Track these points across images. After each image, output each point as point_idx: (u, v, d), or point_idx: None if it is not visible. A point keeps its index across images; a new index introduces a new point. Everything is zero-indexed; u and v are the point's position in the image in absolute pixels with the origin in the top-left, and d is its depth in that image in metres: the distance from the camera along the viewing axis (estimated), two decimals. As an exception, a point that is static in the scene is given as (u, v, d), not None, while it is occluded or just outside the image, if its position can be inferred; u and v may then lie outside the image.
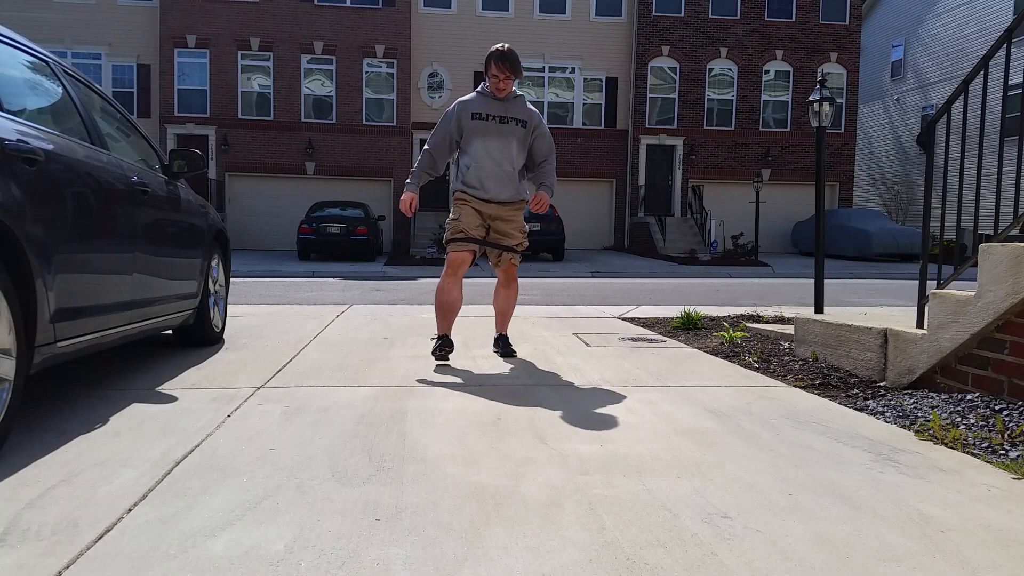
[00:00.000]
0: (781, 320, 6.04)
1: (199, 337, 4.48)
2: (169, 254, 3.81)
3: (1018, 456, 2.42)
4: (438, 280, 4.16)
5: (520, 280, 4.49)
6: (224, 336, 4.86)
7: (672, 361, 4.30)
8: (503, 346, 4.38)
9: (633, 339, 5.17)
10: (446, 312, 4.12)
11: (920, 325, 3.56)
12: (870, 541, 1.76)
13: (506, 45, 4.03)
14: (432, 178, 4.16)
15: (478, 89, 4.14)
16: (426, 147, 4.16)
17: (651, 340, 5.14)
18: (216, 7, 22.01)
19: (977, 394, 3.10)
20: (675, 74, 23.67)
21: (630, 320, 6.38)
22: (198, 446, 2.43)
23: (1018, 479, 2.24)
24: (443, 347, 4.10)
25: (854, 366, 3.85)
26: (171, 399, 3.09)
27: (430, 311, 5.76)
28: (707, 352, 4.66)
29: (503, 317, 4.42)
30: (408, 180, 4.12)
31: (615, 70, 23.74)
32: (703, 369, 4.07)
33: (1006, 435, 2.61)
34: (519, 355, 4.37)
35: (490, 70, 4.00)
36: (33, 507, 1.87)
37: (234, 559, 1.60)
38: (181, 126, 22.08)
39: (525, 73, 24.73)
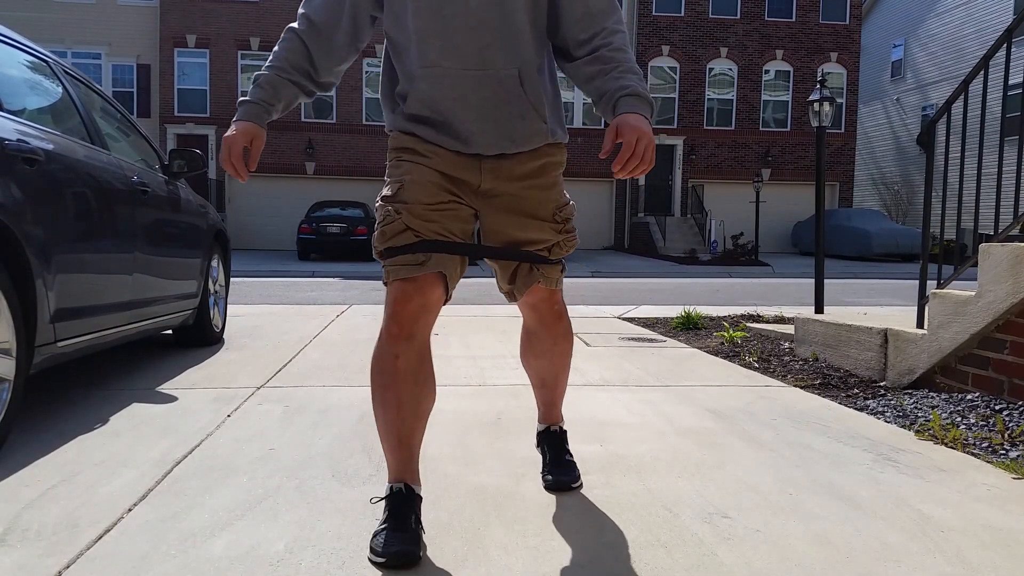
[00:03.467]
0: (781, 320, 6.04)
1: (199, 337, 4.48)
2: (169, 254, 3.80)
3: (1018, 456, 2.42)
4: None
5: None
6: (224, 336, 4.86)
7: (672, 361, 4.30)
8: (553, 461, 2.09)
9: (633, 339, 5.17)
10: (395, 416, 1.65)
11: (920, 325, 3.56)
12: (870, 541, 1.76)
13: None
14: (306, 93, 1.80)
15: None
16: (295, 30, 1.76)
17: (651, 340, 5.14)
18: (216, 7, 22.01)
19: (977, 394, 3.09)
20: (675, 74, 23.66)
21: (630, 320, 6.37)
22: (198, 446, 2.43)
23: (1018, 479, 2.23)
24: (395, 524, 1.61)
25: (854, 366, 3.85)
26: (171, 399, 3.09)
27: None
28: (707, 352, 4.66)
29: (547, 393, 2.10)
30: (244, 96, 1.74)
31: (615, 70, 23.69)
32: (703, 369, 4.07)
33: (1006, 435, 2.61)
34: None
35: None
36: (33, 507, 1.87)
37: (234, 559, 1.60)
38: (181, 126, 22.08)
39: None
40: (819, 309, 5.57)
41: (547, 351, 2.02)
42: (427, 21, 1.65)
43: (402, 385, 1.64)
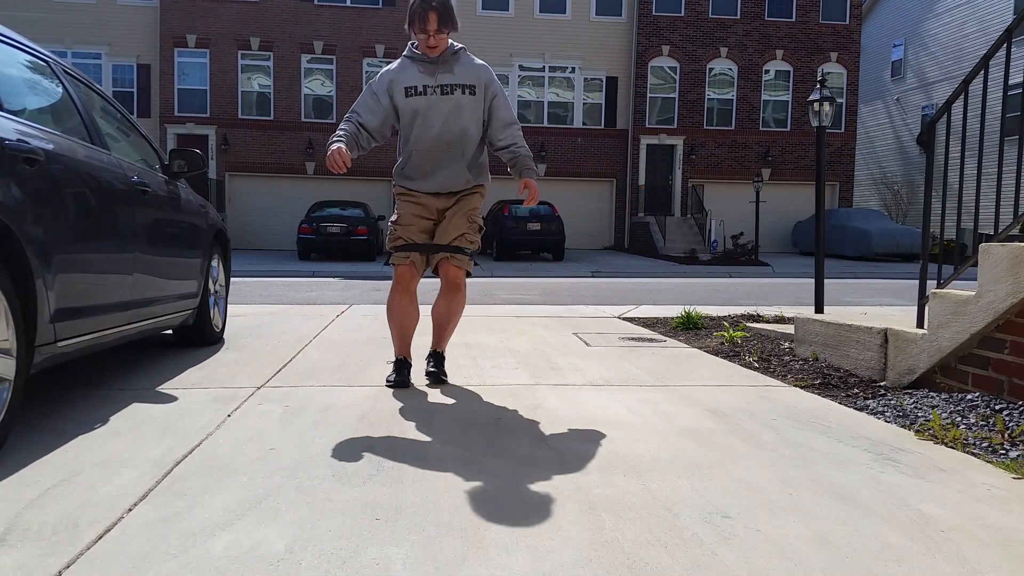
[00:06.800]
0: (781, 320, 6.04)
1: (199, 337, 4.48)
2: (169, 254, 3.80)
3: (1018, 456, 2.42)
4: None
5: (520, 280, 3.24)
6: (224, 336, 4.86)
7: (672, 361, 4.30)
8: (435, 366, 3.55)
9: (633, 339, 5.17)
10: (399, 326, 3.45)
11: (920, 325, 3.56)
12: (870, 541, 1.76)
13: None
14: (359, 148, 3.29)
15: (405, 53, 3.33)
16: (353, 119, 3.30)
17: (651, 340, 5.14)
18: (216, 7, 22.01)
19: (977, 394, 3.09)
20: (675, 74, 23.67)
21: (630, 320, 6.37)
22: (198, 446, 2.43)
23: (1018, 479, 2.24)
24: (399, 373, 3.43)
25: (854, 366, 3.85)
26: (171, 399, 3.09)
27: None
28: (707, 352, 4.66)
29: (440, 331, 3.55)
30: (334, 136, 3.22)
31: (615, 70, 23.73)
32: (703, 369, 4.07)
33: (1006, 435, 2.61)
34: (521, 350, 4.30)
35: (413, 26, 3.17)
36: (33, 507, 1.87)
37: (234, 559, 1.60)
38: (181, 126, 22.08)
39: (525, 73, 25.47)
40: (819, 309, 5.57)
41: (447, 307, 3.48)
42: (420, 130, 3.26)
43: (402, 311, 3.42)
